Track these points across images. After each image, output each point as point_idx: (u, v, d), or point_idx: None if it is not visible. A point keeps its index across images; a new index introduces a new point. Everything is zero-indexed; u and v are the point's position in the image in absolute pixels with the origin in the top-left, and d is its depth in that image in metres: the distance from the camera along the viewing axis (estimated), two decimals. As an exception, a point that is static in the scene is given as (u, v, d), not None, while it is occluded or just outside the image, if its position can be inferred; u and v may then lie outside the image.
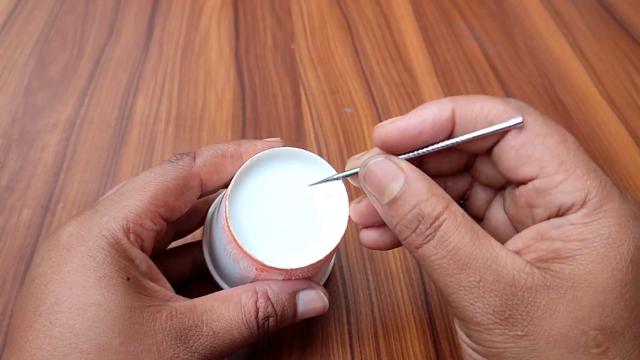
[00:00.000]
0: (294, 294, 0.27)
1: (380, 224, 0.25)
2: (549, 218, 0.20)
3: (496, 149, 0.22)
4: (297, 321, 0.28)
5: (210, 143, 0.42)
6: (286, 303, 0.26)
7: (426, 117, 0.22)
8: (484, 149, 0.23)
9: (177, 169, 0.25)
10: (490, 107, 0.21)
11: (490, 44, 0.52)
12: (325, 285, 0.32)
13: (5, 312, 0.32)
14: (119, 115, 0.44)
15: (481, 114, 0.21)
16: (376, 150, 0.24)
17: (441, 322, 0.32)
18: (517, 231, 0.23)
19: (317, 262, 0.25)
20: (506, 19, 0.54)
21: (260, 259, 0.24)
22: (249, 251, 0.24)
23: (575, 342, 0.19)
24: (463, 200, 0.27)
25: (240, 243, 0.24)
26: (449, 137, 0.23)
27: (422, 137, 0.22)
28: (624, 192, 0.20)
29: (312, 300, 0.27)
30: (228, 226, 0.25)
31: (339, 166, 0.41)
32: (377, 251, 0.35)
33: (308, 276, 0.28)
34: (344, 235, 0.26)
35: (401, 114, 0.45)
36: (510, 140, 0.21)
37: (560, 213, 0.20)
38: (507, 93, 0.47)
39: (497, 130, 0.21)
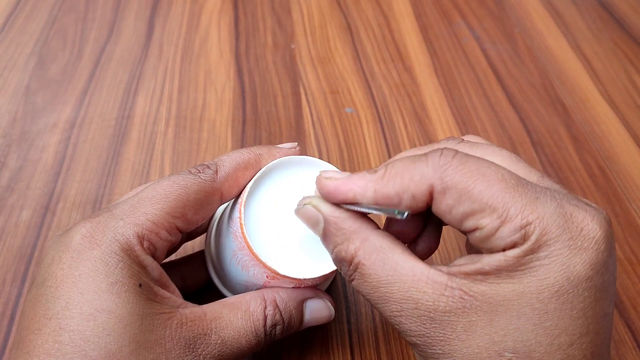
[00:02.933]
0: (302, 303, 0.27)
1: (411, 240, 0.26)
2: None
3: (434, 210, 0.21)
4: (302, 329, 0.28)
5: (210, 143, 0.42)
6: (294, 311, 0.26)
7: (350, 189, 0.22)
8: (423, 210, 0.22)
9: (200, 183, 0.25)
10: (407, 180, 0.21)
11: (490, 43, 0.52)
12: (325, 288, 0.32)
13: (5, 312, 0.32)
14: (119, 115, 0.44)
15: (401, 189, 0.21)
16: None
17: (441, 322, 0.32)
18: None
19: (329, 273, 0.25)
20: (506, 19, 0.54)
21: (274, 267, 0.24)
22: (263, 259, 0.24)
23: None
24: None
25: (254, 250, 0.24)
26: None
27: (347, 202, 0.23)
28: (573, 215, 0.19)
29: (319, 309, 0.28)
30: (243, 233, 0.24)
31: (340, 167, 0.41)
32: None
33: (316, 284, 0.27)
34: None
35: (401, 114, 0.45)
36: (439, 206, 0.21)
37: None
38: (507, 93, 0.47)
39: (384, 212, 0.21)
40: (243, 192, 0.26)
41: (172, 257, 0.32)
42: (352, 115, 0.44)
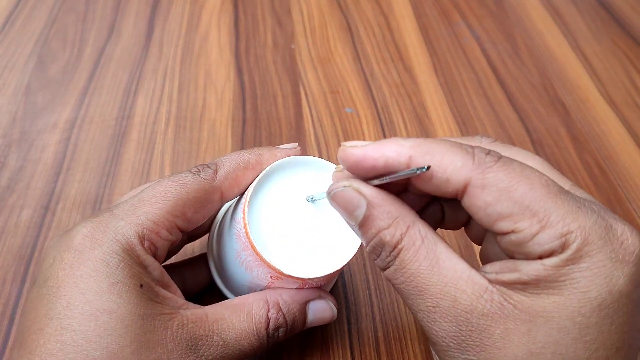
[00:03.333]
0: (305, 304, 0.27)
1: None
2: None
3: (464, 204, 0.21)
4: (304, 329, 0.28)
5: (210, 143, 0.42)
6: (297, 313, 0.26)
7: (381, 155, 0.21)
8: (448, 197, 0.22)
9: (200, 182, 0.25)
10: (447, 162, 0.20)
11: (490, 43, 0.52)
12: (329, 289, 0.32)
13: (5, 312, 0.32)
14: (119, 115, 0.44)
15: (439, 167, 0.20)
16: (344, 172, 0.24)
17: (441, 322, 0.32)
18: None
19: (334, 272, 0.25)
20: (506, 19, 0.54)
21: (278, 267, 0.24)
22: (267, 259, 0.24)
23: None
24: (465, 226, 0.26)
25: (258, 250, 0.24)
26: (404, 184, 0.22)
27: (374, 172, 0.22)
28: (613, 227, 0.19)
29: (322, 310, 0.27)
30: (247, 233, 0.24)
31: (339, 166, 0.41)
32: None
33: (320, 285, 0.27)
34: (360, 245, 0.26)
35: (401, 114, 0.45)
36: (475, 201, 0.20)
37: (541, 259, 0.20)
38: (507, 93, 0.47)
39: (404, 175, 0.20)
40: (246, 193, 0.26)
41: (173, 259, 0.32)
42: (352, 115, 0.44)
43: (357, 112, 0.45)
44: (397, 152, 0.21)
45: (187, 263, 0.31)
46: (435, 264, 0.20)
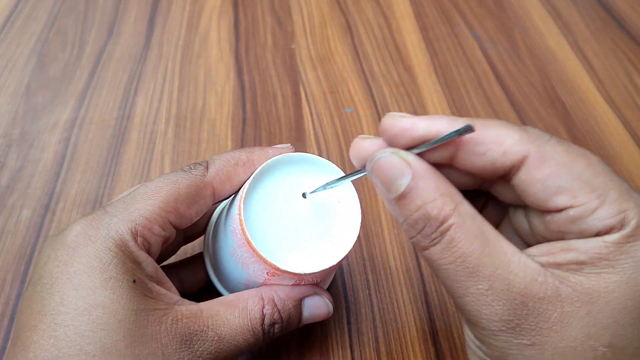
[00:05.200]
0: (300, 300, 0.27)
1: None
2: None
3: (517, 181, 0.20)
4: (300, 326, 0.28)
5: (210, 143, 0.42)
6: (292, 310, 0.26)
7: (433, 127, 0.21)
8: (496, 176, 0.21)
9: (190, 177, 0.25)
10: (504, 136, 0.20)
11: (490, 44, 0.52)
12: (327, 287, 0.32)
13: (5, 312, 0.32)
14: (119, 115, 0.44)
15: (495, 140, 0.20)
16: (381, 142, 0.23)
17: (441, 322, 0.32)
18: None
19: (329, 268, 0.25)
20: (506, 19, 0.54)
21: (274, 262, 0.24)
22: (263, 255, 0.24)
23: (582, 357, 0.18)
24: (480, 210, 0.26)
25: (254, 246, 0.24)
26: (451, 158, 0.21)
27: (420, 143, 0.21)
28: None
29: (317, 306, 0.27)
30: (242, 229, 0.24)
31: (340, 167, 0.41)
32: (377, 251, 0.35)
33: (317, 281, 0.27)
34: (356, 240, 0.26)
35: (401, 114, 0.45)
36: (533, 173, 0.20)
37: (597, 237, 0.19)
38: (507, 93, 0.47)
39: (447, 139, 0.20)
40: (242, 189, 0.26)
41: (170, 259, 0.32)
42: (352, 115, 0.44)
43: (357, 112, 0.45)
44: (449, 124, 0.20)
45: (184, 263, 0.32)
46: (486, 245, 0.19)
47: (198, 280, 0.31)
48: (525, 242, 0.23)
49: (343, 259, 0.26)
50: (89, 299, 0.21)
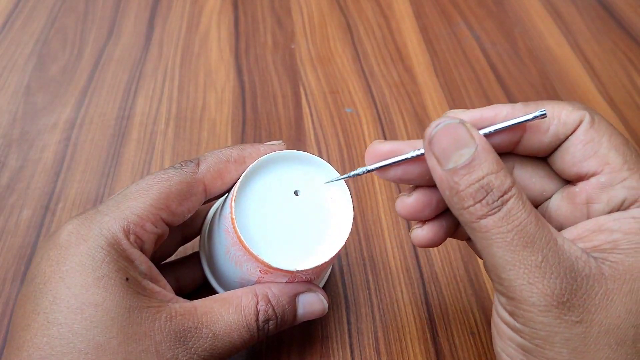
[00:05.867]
0: (294, 297, 0.27)
1: (428, 218, 0.25)
2: (609, 213, 0.21)
3: (563, 146, 0.22)
4: (296, 324, 0.28)
5: (210, 143, 0.42)
6: (286, 306, 0.26)
7: (498, 112, 0.22)
8: (546, 152, 0.23)
9: (181, 174, 0.25)
10: (559, 109, 0.22)
11: (490, 44, 0.52)
12: (325, 286, 0.32)
13: (5, 312, 0.32)
14: (119, 115, 0.44)
15: (553, 116, 0.22)
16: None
17: (441, 322, 0.32)
18: None
19: (322, 265, 0.25)
20: (506, 19, 0.54)
21: (266, 260, 0.24)
22: (255, 253, 0.24)
23: (624, 334, 0.19)
24: None
25: (246, 244, 0.24)
26: (518, 141, 0.23)
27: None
28: None
29: (312, 303, 0.27)
30: (234, 227, 0.25)
31: (339, 167, 0.41)
32: (377, 251, 0.35)
33: (310, 279, 0.27)
34: (348, 238, 0.26)
35: (401, 114, 0.45)
36: (580, 135, 0.21)
37: (622, 208, 0.20)
38: (507, 93, 0.47)
39: (526, 120, 0.22)
40: (234, 188, 0.26)
41: (167, 259, 0.32)
42: (352, 115, 0.44)
43: (357, 112, 0.45)
44: (512, 109, 0.22)
45: (181, 261, 0.32)
46: (539, 219, 0.20)
47: (194, 279, 0.31)
48: None
49: (335, 256, 0.26)
50: (81, 297, 0.21)
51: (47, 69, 0.47)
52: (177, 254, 0.32)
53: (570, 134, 0.22)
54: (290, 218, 0.26)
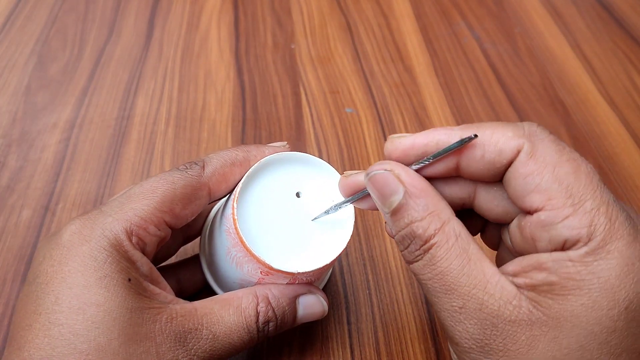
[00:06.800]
0: (295, 299, 0.27)
1: None
2: (552, 251, 0.20)
3: (506, 176, 0.21)
4: (296, 325, 0.28)
5: (210, 143, 0.42)
6: (287, 307, 0.26)
7: (431, 140, 0.21)
8: (500, 177, 0.22)
9: (186, 178, 0.25)
10: (499, 135, 0.20)
11: (490, 44, 0.52)
12: (325, 286, 0.32)
13: (6, 312, 0.32)
14: (119, 115, 0.44)
15: (490, 141, 0.20)
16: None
17: (441, 322, 0.32)
18: None
19: (323, 267, 0.25)
20: (506, 19, 0.54)
21: (267, 261, 0.24)
22: (257, 254, 0.24)
23: None
24: (481, 232, 0.26)
25: (248, 245, 0.24)
26: (456, 167, 0.22)
27: (423, 158, 0.22)
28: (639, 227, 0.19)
29: (312, 304, 0.27)
30: (236, 228, 0.24)
31: (340, 167, 0.41)
32: (377, 251, 0.36)
33: (311, 281, 0.27)
34: (349, 240, 0.26)
35: (401, 114, 0.45)
36: (518, 167, 0.20)
37: (564, 248, 0.19)
38: (507, 93, 0.47)
39: (453, 147, 0.20)
40: (235, 189, 0.26)
41: (170, 260, 0.32)
42: (352, 115, 0.45)
43: (357, 112, 0.45)
44: (447, 134, 0.21)
45: (182, 264, 0.32)
46: (465, 265, 0.20)
47: (195, 282, 0.31)
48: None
49: (336, 258, 0.26)
50: (83, 297, 0.21)
51: (47, 69, 0.47)
52: (178, 254, 0.32)
53: (511, 163, 0.20)
54: (291, 219, 0.26)
